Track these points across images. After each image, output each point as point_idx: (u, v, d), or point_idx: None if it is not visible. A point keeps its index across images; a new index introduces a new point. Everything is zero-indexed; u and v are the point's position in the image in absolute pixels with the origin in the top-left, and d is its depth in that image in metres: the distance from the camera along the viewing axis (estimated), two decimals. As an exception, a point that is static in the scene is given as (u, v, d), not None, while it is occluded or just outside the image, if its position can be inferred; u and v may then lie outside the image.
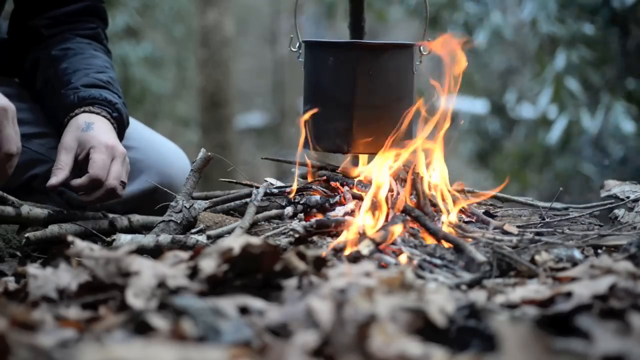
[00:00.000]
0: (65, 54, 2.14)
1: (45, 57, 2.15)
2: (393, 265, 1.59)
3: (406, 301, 1.10)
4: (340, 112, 2.04)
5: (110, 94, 2.05)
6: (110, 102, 2.02)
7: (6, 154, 1.77)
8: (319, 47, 2.13)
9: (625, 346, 0.97)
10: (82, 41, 2.19)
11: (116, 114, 2.02)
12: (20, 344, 0.93)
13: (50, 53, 2.14)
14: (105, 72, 2.12)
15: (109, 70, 2.14)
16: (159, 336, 1.01)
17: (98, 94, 2.01)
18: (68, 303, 1.23)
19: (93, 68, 2.11)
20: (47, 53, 2.15)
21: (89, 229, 1.87)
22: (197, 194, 2.07)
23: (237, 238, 1.29)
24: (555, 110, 5.42)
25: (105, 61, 2.17)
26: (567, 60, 5.24)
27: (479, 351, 1.03)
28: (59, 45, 2.16)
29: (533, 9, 5.25)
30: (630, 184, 2.13)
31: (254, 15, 11.72)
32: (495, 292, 1.34)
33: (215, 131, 7.64)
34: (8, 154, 1.77)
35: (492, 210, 2.07)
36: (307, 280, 1.27)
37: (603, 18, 5.37)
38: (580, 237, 1.79)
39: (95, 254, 1.28)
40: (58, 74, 2.09)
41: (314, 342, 0.98)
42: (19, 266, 1.70)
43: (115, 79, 2.14)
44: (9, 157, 1.79)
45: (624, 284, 1.21)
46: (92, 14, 2.25)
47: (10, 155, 1.78)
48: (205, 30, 7.70)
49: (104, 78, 2.08)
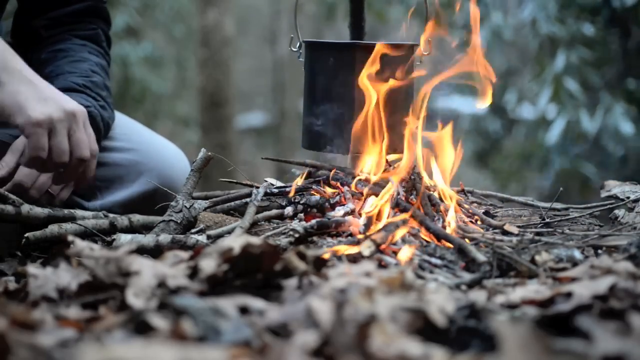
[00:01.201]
0: (55, 56, 2.13)
1: (37, 59, 2.14)
2: (393, 265, 1.59)
3: (406, 301, 1.10)
4: (341, 113, 2.04)
5: (84, 98, 2.02)
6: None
7: (78, 159, 1.77)
8: (319, 47, 2.13)
9: (625, 346, 0.97)
10: (77, 42, 2.18)
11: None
12: (20, 344, 0.93)
13: (40, 56, 2.14)
14: (89, 75, 2.10)
15: (94, 75, 2.11)
16: (159, 336, 1.01)
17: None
18: (68, 303, 1.23)
19: (76, 72, 2.09)
20: (39, 55, 2.14)
21: (89, 228, 1.87)
22: (197, 194, 2.07)
23: (237, 238, 1.29)
24: (554, 110, 5.42)
25: (95, 64, 2.15)
26: (567, 60, 5.24)
27: (479, 351, 1.03)
28: (52, 47, 2.15)
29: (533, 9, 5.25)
30: (630, 184, 2.14)
31: (254, 15, 11.72)
32: (495, 292, 1.34)
33: (215, 131, 7.64)
34: (80, 158, 1.77)
35: (492, 211, 2.07)
36: (307, 280, 1.27)
37: (603, 18, 5.38)
38: (580, 237, 1.79)
39: (96, 253, 1.28)
40: (43, 76, 2.07)
41: (314, 342, 0.98)
42: (19, 266, 1.70)
43: (99, 82, 2.11)
44: (82, 162, 1.79)
45: (624, 284, 1.21)
46: (94, 14, 2.25)
47: (83, 160, 1.79)
48: (205, 30, 7.70)
49: (80, 82, 2.06)
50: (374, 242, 1.63)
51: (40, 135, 1.75)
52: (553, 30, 5.29)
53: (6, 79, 1.77)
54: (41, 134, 1.76)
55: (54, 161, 1.79)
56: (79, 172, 1.82)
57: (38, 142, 1.76)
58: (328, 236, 1.80)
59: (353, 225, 1.81)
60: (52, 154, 1.78)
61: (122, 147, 2.22)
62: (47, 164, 1.81)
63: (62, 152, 1.78)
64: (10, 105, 1.76)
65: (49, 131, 1.77)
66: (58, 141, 1.77)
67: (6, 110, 1.76)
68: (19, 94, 1.77)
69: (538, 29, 5.36)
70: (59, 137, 1.77)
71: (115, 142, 2.22)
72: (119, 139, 2.24)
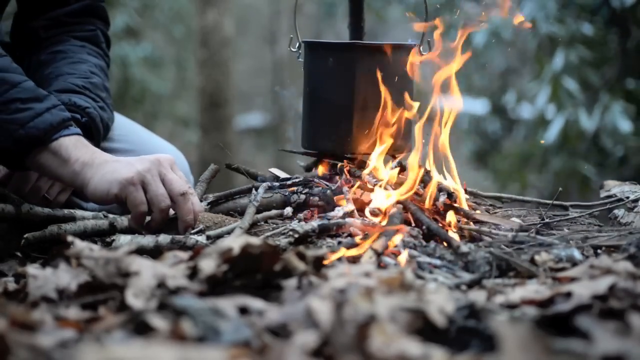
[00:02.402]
0: (54, 57, 2.13)
1: (36, 61, 2.14)
2: (392, 266, 1.59)
3: (406, 301, 1.10)
4: (340, 113, 2.04)
5: (83, 99, 2.02)
6: (79, 107, 2.00)
7: (179, 195, 1.79)
8: (318, 48, 2.13)
9: (624, 346, 0.97)
10: (76, 44, 2.18)
11: (86, 119, 2.00)
12: (20, 344, 0.93)
13: (40, 57, 2.14)
14: (88, 77, 2.10)
15: (93, 76, 2.11)
16: (159, 336, 1.01)
17: (67, 99, 1.99)
18: (68, 303, 1.23)
19: (75, 73, 2.09)
20: (38, 57, 2.14)
21: (89, 229, 1.86)
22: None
23: (236, 238, 1.29)
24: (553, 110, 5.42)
25: (94, 65, 2.15)
26: (566, 60, 5.24)
27: (478, 351, 1.03)
28: (51, 48, 2.15)
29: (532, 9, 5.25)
30: (630, 184, 2.14)
31: (254, 15, 11.72)
32: (494, 292, 1.34)
33: (215, 131, 7.64)
34: (181, 193, 1.79)
35: (491, 211, 2.07)
36: (306, 281, 1.27)
37: (602, 18, 5.38)
38: (580, 237, 1.79)
39: (95, 254, 1.28)
40: (43, 78, 2.08)
41: (314, 342, 0.98)
42: (19, 266, 1.70)
43: (98, 84, 2.11)
44: (185, 197, 1.80)
45: (624, 284, 1.21)
46: (92, 14, 2.25)
47: (184, 194, 1.80)
48: (205, 30, 7.70)
49: (80, 83, 2.06)
50: (375, 251, 1.62)
51: (135, 191, 1.77)
52: (552, 30, 5.29)
53: (90, 171, 1.81)
54: (135, 190, 1.77)
55: (157, 209, 1.80)
56: (189, 208, 1.82)
57: (135, 199, 1.77)
58: (327, 236, 1.80)
59: (353, 227, 1.81)
60: (154, 203, 1.79)
61: (120, 148, 2.22)
62: (153, 217, 1.81)
63: (161, 197, 1.79)
64: (101, 184, 1.79)
65: (142, 185, 1.78)
66: (153, 189, 1.79)
67: (99, 191, 1.79)
68: (107, 171, 1.80)
69: (537, 29, 5.36)
70: (152, 186, 1.79)
71: (114, 143, 2.22)
72: (118, 140, 2.24)
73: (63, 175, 1.83)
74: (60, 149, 1.83)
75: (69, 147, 1.83)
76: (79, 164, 1.82)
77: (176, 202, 1.80)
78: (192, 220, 1.81)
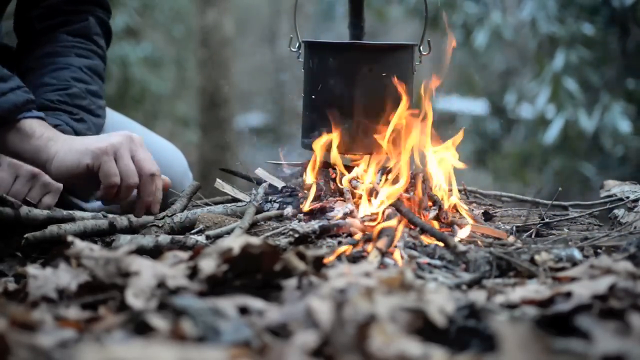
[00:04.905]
0: (40, 63, 2.09)
1: (25, 66, 2.10)
2: (392, 266, 1.59)
3: (406, 301, 1.10)
4: (340, 113, 2.04)
5: (55, 116, 1.98)
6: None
7: (148, 175, 1.80)
8: (318, 48, 2.12)
9: (625, 346, 0.97)
10: (67, 44, 2.14)
11: None
12: (20, 344, 0.93)
13: (28, 63, 2.10)
14: (67, 88, 2.05)
15: (75, 84, 2.06)
16: (159, 336, 1.01)
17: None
18: (68, 303, 1.23)
19: (54, 84, 2.05)
20: (28, 63, 2.11)
21: (89, 229, 1.86)
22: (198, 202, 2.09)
23: (236, 238, 1.29)
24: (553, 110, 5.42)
25: (79, 69, 2.10)
26: (566, 60, 5.25)
27: (478, 351, 1.03)
28: (40, 50, 2.12)
29: (532, 9, 5.26)
30: (630, 184, 2.14)
31: (254, 15, 11.72)
32: (494, 292, 1.34)
33: (215, 131, 7.64)
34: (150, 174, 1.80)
35: (491, 211, 2.07)
36: (306, 281, 1.27)
37: (603, 18, 5.38)
38: (579, 237, 1.79)
39: (95, 254, 1.28)
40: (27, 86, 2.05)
41: (314, 342, 0.98)
42: (19, 266, 1.70)
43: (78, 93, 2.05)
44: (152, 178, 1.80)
45: (624, 284, 1.21)
46: (89, 0, 2.22)
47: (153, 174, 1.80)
48: (205, 30, 7.70)
49: (55, 98, 2.02)
50: (380, 250, 1.62)
51: (109, 161, 1.78)
52: (553, 30, 5.30)
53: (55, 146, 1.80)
54: (109, 160, 1.78)
55: (125, 184, 1.80)
56: (153, 190, 1.82)
57: (110, 169, 1.78)
58: (327, 236, 1.80)
59: (353, 227, 1.81)
60: (122, 177, 1.80)
61: None
62: (120, 191, 1.82)
63: (131, 172, 1.80)
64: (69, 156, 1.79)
65: (115, 157, 1.79)
66: (125, 163, 1.79)
67: (67, 163, 1.79)
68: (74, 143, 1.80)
69: (538, 29, 5.36)
70: (124, 160, 1.79)
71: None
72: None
73: (25, 151, 1.81)
74: (24, 125, 1.82)
75: (33, 125, 1.82)
76: (44, 139, 1.80)
77: (143, 181, 1.80)
78: (151, 203, 1.81)
